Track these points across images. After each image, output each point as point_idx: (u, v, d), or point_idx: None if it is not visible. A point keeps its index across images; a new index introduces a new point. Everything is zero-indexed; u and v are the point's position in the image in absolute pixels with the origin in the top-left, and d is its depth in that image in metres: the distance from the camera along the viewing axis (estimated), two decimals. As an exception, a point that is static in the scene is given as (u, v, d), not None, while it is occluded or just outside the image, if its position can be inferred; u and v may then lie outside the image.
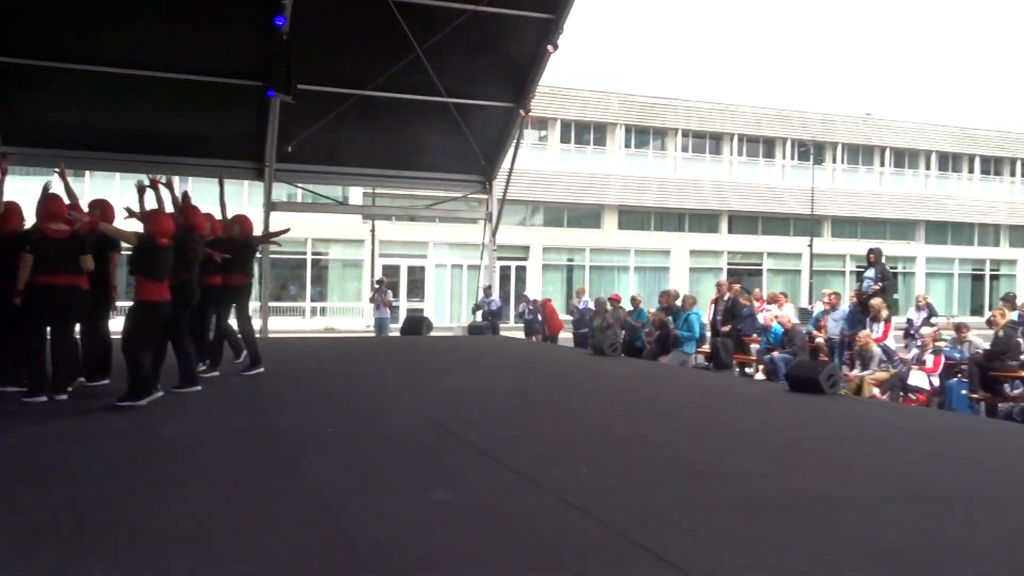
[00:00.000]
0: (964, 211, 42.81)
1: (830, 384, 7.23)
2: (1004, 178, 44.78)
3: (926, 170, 43.13)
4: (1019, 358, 9.75)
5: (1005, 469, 4.81)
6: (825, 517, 3.59)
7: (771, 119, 40.11)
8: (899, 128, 42.36)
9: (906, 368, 10.75)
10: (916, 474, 4.55)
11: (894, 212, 41.53)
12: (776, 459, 4.84)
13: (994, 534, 3.36)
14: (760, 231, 39.66)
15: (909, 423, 6.76)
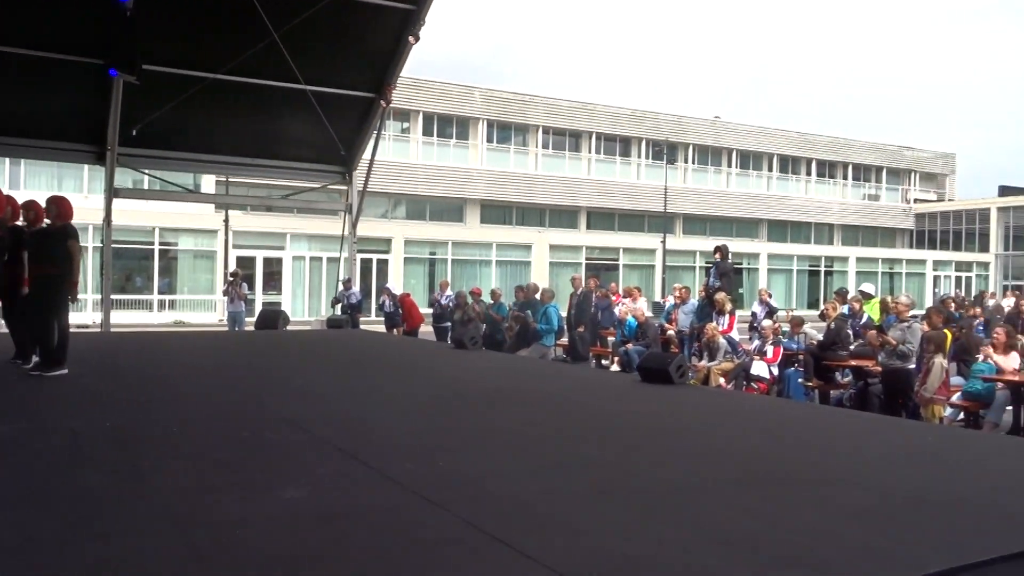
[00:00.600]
0: (802, 211, 45.77)
1: (679, 374, 7.53)
2: (837, 181, 48.21)
3: (768, 172, 45.82)
4: (848, 348, 10.51)
5: (836, 452, 5.15)
6: (674, 502, 3.72)
7: (627, 119, 41.44)
8: (745, 131, 44.75)
9: (749, 359, 11.37)
10: (758, 458, 4.79)
11: (740, 211, 43.87)
12: (628, 447, 4.99)
13: (826, 512, 3.58)
14: (617, 227, 40.93)
15: (751, 410, 7.13)
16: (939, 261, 44.34)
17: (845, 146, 48.03)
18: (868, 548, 3.10)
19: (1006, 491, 4.10)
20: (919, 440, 5.76)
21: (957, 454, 5.25)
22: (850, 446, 5.38)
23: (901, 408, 8.80)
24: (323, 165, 16.38)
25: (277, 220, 29.78)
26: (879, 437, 5.77)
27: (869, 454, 5.06)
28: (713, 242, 18.12)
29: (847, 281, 37.23)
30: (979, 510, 3.69)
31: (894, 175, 50.36)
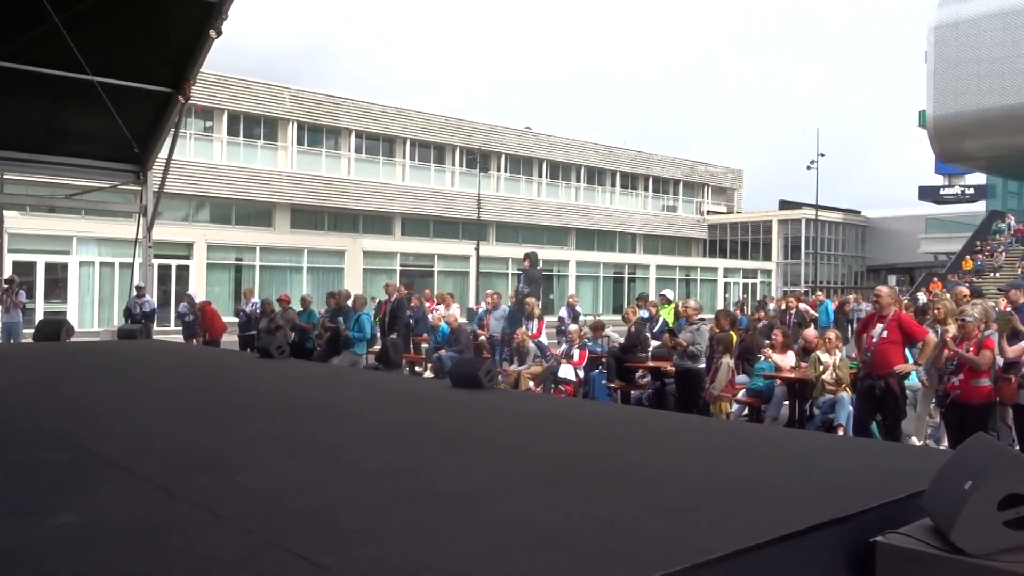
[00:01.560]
0: (607, 220, 47.94)
1: (488, 379, 7.60)
2: (639, 192, 50.93)
3: (576, 182, 47.63)
4: (647, 350, 11.07)
5: (635, 449, 5.37)
6: (482, 505, 3.71)
7: (441, 126, 41.68)
8: (555, 142, 46.28)
9: (557, 362, 11.70)
10: (564, 458, 4.90)
11: (550, 219, 45.29)
12: (436, 453, 4.95)
13: (627, 507, 3.70)
14: (431, 234, 41.03)
15: (558, 412, 7.32)
16: (729, 268, 47.89)
17: (646, 160, 50.86)
18: (664, 538, 3.24)
19: (784, 478, 4.43)
20: (708, 435, 6.13)
21: (742, 446, 5.63)
22: (648, 443, 5.63)
23: (693, 405, 9.38)
24: (113, 163, 15.23)
25: (62, 222, 27.34)
26: (674, 433, 6.09)
27: (665, 450, 5.32)
28: (525, 249, 18.58)
29: (649, 287, 39.39)
30: (760, 496, 3.97)
31: (690, 188, 53.93)
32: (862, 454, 5.59)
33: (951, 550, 3.18)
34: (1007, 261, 34.38)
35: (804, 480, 4.38)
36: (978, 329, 6.97)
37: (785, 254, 51.26)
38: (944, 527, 3.26)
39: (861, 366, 7.89)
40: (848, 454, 5.54)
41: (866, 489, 4.03)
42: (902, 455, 5.75)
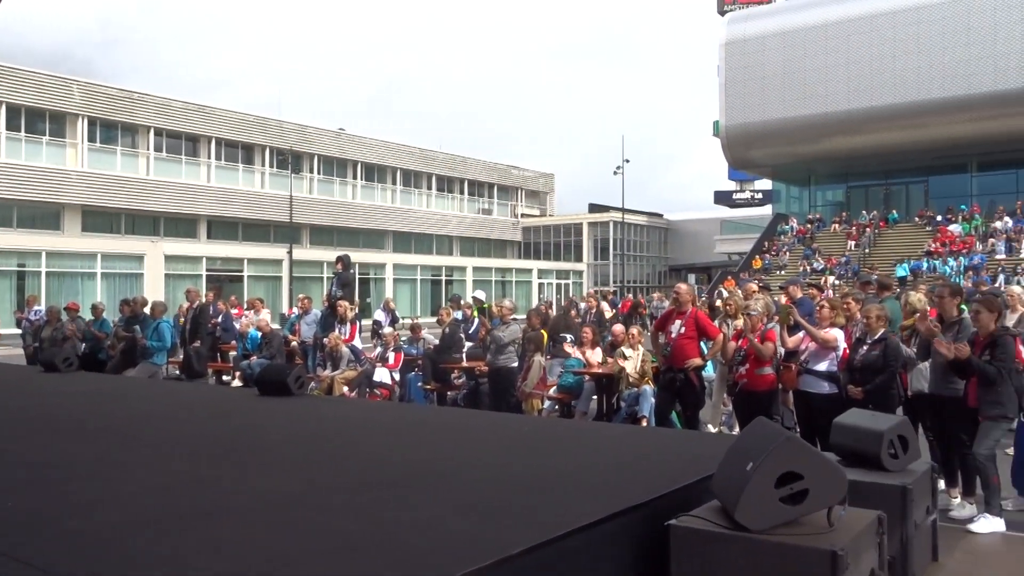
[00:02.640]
0: (424, 223, 47.93)
1: (298, 385, 7.37)
2: (455, 195, 51.33)
3: (392, 185, 47.30)
4: (462, 351, 11.14)
5: (449, 448, 5.37)
6: (286, 514, 3.57)
7: (250, 126, 40.05)
8: (370, 144, 45.70)
9: (372, 366, 11.53)
10: (376, 462, 4.82)
11: (366, 222, 44.66)
12: (241, 463, 4.72)
13: (437, 508, 3.68)
14: (241, 237, 39.31)
15: (373, 416, 7.21)
16: (543, 270, 49.25)
17: (461, 163, 51.34)
18: (471, 536, 3.25)
19: (588, 470, 4.58)
20: (519, 432, 6.24)
21: (550, 442, 5.77)
22: (460, 442, 5.66)
23: (506, 404, 9.52)
24: None
25: None
26: (486, 432, 6.16)
27: (476, 448, 5.37)
28: (340, 253, 18.16)
29: (466, 289, 39.78)
30: (565, 489, 4.07)
31: (504, 192, 54.97)
32: (662, 443, 5.90)
33: (736, 528, 3.40)
34: (791, 260, 37.59)
35: (606, 471, 4.55)
36: (762, 322, 7.55)
37: (595, 255, 53.40)
38: (729, 507, 3.48)
39: (661, 360, 8.33)
40: (649, 444, 5.82)
41: (663, 476, 4.25)
42: (698, 442, 6.12)
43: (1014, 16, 32.26)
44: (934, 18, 34.02)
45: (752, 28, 39.72)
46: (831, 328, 7.01)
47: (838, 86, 36.40)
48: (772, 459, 3.39)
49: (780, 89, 38.10)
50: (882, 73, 35.25)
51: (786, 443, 3.47)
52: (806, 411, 7.06)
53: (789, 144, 38.86)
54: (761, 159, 41.68)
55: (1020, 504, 6.02)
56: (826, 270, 34.12)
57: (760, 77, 38.71)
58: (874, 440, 4.47)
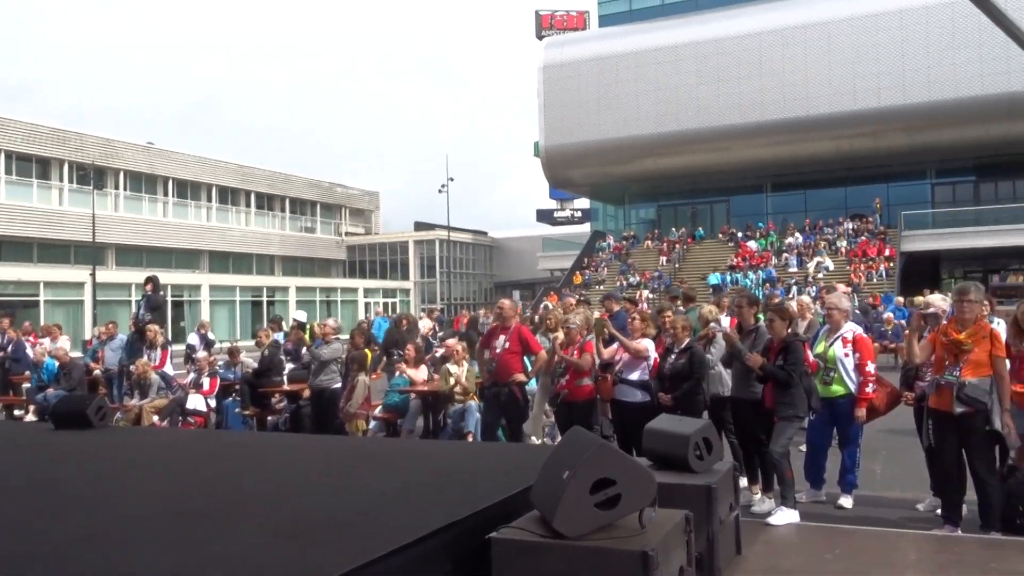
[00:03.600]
0: (243, 242, 46.10)
1: (100, 417, 6.84)
2: (276, 213, 49.76)
3: (208, 202, 45.18)
4: (282, 374, 10.77)
5: (267, 474, 5.15)
6: (87, 555, 3.30)
7: (44, 138, 37.03)
8: (183, 160, 43.49)
9: (184, 393, 10.90)
10: (189, 492, 4.55)
11: (179, 242, 42.38)
12: (29, 505, 4.31)
13: (253, 537, 3.52)
14: (36, 259, 36.22)
15: (186, 445, 6.81)
16: (369, 288, 48.65)
17: (283, 180, 49.88)
18: (289, 563, 3.13)
19: (411, 488, 4.54)
20: (342, 453, 6.10)
21: (373, 462, 5.68)
22: (280, 468, 5.45)
23: (330, 425, 9.29)
24: None
25: None
26: (307, 455, 5.97)
27: (299, 471, 5.19)
28: (149, 274, 17.10)
29: (288, 310, 38.56)
30: (386, 509, 4.02)
31: (328, 210, 53.93)
32: (486, 457, 5.96)
33: (555, 536, 3.49)
34: (608, 275, 39.22)
35: (430, 488, 4.54)
36: (580, 335, 7.82)
37: (422, 273, 53.42)
38: (548, 515, 3.56)
39: (485, 376, 8.42)
40: (473, 458, 5.87)
41: (486, 489, 4.28)
42: (521, 454, 6.23)
43: (798, 53, 35.46)
44: (732, 50, 36.78)
45: (568, 53, 41.31)
46: (642, 339, 7.36)
47: (648, 111, 38.51)
48: (586, 467, 3.51)
49: (595, 112, 39.80)
50: (688, 100, 37.66)
51: (599, 451, 3.60)
52: (621, 419, 7.36)
53: (604, 165, 40.64)
54: (579, 179, 43.32)
55: (812, 496, 6.56)
56: (641, 284, 35.88)
57: (577, 101, 40.27)
58: (681, 444, 4.72)
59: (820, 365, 6.52)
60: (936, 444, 5.64)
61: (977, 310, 5.51)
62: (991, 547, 5.12)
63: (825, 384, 6.45)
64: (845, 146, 35.80)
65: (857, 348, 6.45)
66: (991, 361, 5.38)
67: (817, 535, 5.53)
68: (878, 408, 6.47)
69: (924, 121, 33.54)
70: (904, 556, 4.99)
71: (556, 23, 48.29)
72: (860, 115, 34.41)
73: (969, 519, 5.56)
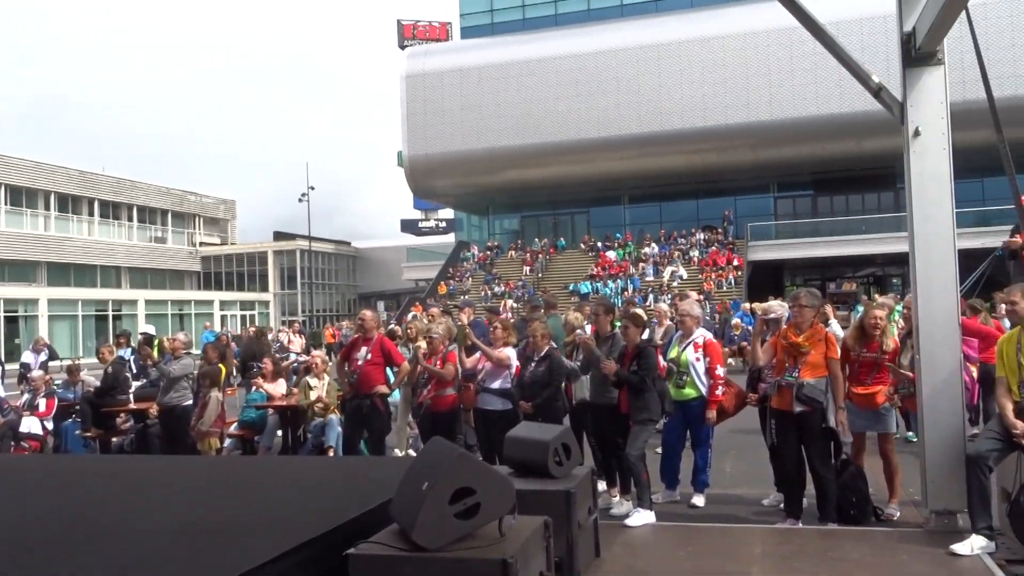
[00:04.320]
0: (85, 253, 43.35)
1: (-85, 444, 6.22)
2: (123, 222, 47.08)
3: (46, 210, 42.23)
4: (128, 392, 10.15)
5: (109, 502, 4.84)
6: None
7: None
8: (16, 164, 40.48)
9: (17, 415, 10.10)
10: (19, 524, 4.20)
11: (13, 253, 39.40)
12: None
13: (99, 572, 3.30)
14: None
15: (18, 471, 6.31)
16: (225, 301, 46.79)
17: (130, 187, 47.26)
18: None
19: (265, 508, 4.38)
20: (193, 475, 5.82)
21: (226, 482, 5.44)
22: (124, 492, 5.13)
23: (181, 445, 8.83)
24: None
25: None
26: (155, 478, 5.65)
27: (145, 497, 4.90)
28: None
29: (137, 324, 36.49)
30: (238, 531, 3.85)
31: (180, 219, 51.52)
32: (347, 471, 5.83)
33: (414, 549, 3.44)
34: (473, 285, 39.38)
35: (287, 506, 4.40)
36: (443, 344, 7.80)
37: (282, 284, 51.87)
38: (407, 528, 3.51)
39: (347, 388, 8.25)
40: (334, 473, 5.74)
41: (345, 504, 4.18)
42: (384, 467, 6.13)
43: (651, 69, 36.94)
44: (590, 66, 37.87)
45: (431, 63, 41.34)
46: (504, 348, 7.42)
47: (510, 123, 39.06)
48: (446, 477, 3.49)
49: (459, 123, 40.00)
50: (548, 113, 38.45)
51: (458, 460, 3.59)
52: (485, 428, 7.38)
53: (468, 175, 40.89)
54: (443, 189, 43.39)
55: (668, 496, 6.80)
56: (506, 293, 36.27)
57: (440, 110, 40.34)
58: (540, 450, 4.78)
59: (673, 369, 6.78)
60: (778, 442, 5.98)
61: (809, 314, 5.88)
62: (828, 537, 5.47)
63: (678, 388, 6.70)
64: (696, 160, 37.55)
65: (707, 352, 6.75)
66: (826, 362, 5.76)
67: (672, 534, 5.74)
68: (727, 409, 6.78)
69: (766, 138, 35.70)
70: (751, 550, 5.24)
71: (419, 33, 48.24)
72: (709, 131, 36.21)
73: (809, 512, 5.92)
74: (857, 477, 5.89)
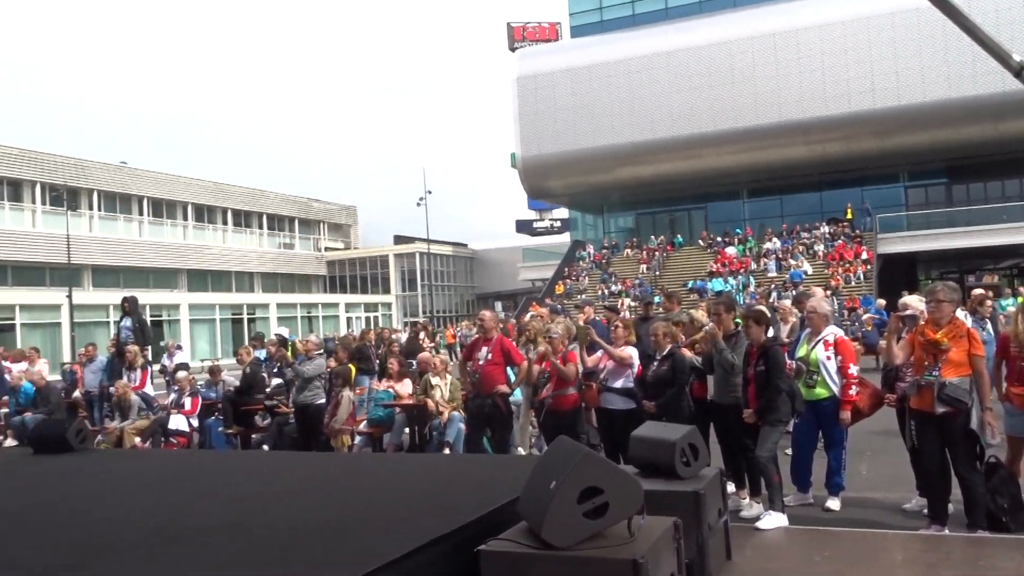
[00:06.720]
0: (221, 260, 45.77)
1: (80, 440, 6.75)
2: (254, 230, 49.46)
3: (184, 220, 44.86)
4: (264, 391, 10.67)
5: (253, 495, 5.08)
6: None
7: (14, 159, 36.66)
8: (156, 178, 43.17)
9: (166, 413, 10.79)
10: (170, 516, 4.48)
11: (156, 261, 42.04)
12: (8, 530, 4.24)
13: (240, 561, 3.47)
14: (11, 282, 35.78)
15: (167, 466, 6.73)
16: (350, 303, 48.42)
17: (260, 197, 49.64)
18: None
19: (397, 503, 4.51)
20: (327, 469, 6.05)
21: (359, 477, 5.64)
22: (264, 486, 5.39)
23: (315, 442, 9.21)
24: None
25: None
26: (293, 472, 5.92)
27: (282, 491, 5.13)
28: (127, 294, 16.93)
29: (269, 327, 38.26)
30: (373, 525, 3.99)
31: (306, 225, 53.71)
32: (472, 469, 5.92)
33: (543, 547, 3.47)
34: (589, 284, 39.30)
35: (417, 502, 4.51)
36: (562, 344, 7.82)
37: (403, 286, 53.28)
38: (536, 526, 3.54)
39: (469, 387, 8.39)
40: (460, 471, 5.84)
41: (473, 502, 4.26)
42: (507, 466, 6.20)
43: (767, 59, 35.84)
44: (703, 58, 37.10)
45: (542, 64, 41.47)
46: (626, 347, 7.37)
47: (623, 120, 38.72)
48: (573, 476, 3.50)
49: (571, 122, 39.96)
50: (661, 109, 37.91)
51: (585, 459, 3.59)
52: (608, 427, 7.36)
53: (582, 174, 40.78)
54: (557, 189, 43.43)
55: (800, 499, 6.58)
56: (622, 292, 35.99)
57: (552, 111, 40.41)
58: (667, 450, 4.72)
59: (803, 368, 6.55)
60: (919, 444, 5.67)
61: (948, 309, 5.55)
62: (978, 545, 5.16)
63: (808, 387, 6.48)
64: (818, 151, 36.17)
65: (839, 351, 6.49)
66: (970, 360, 5.43)
67: (806, 538, 5.55)
68: (862, 410, 6.50)
69: (894, 124, 33.97)
70: (892, 556, 5.01)
71: (528, 34, 48.51)
72: (831, 120, 34.81)
73: (955, 518, 5.60)
74: (1009, 481, 5.53)
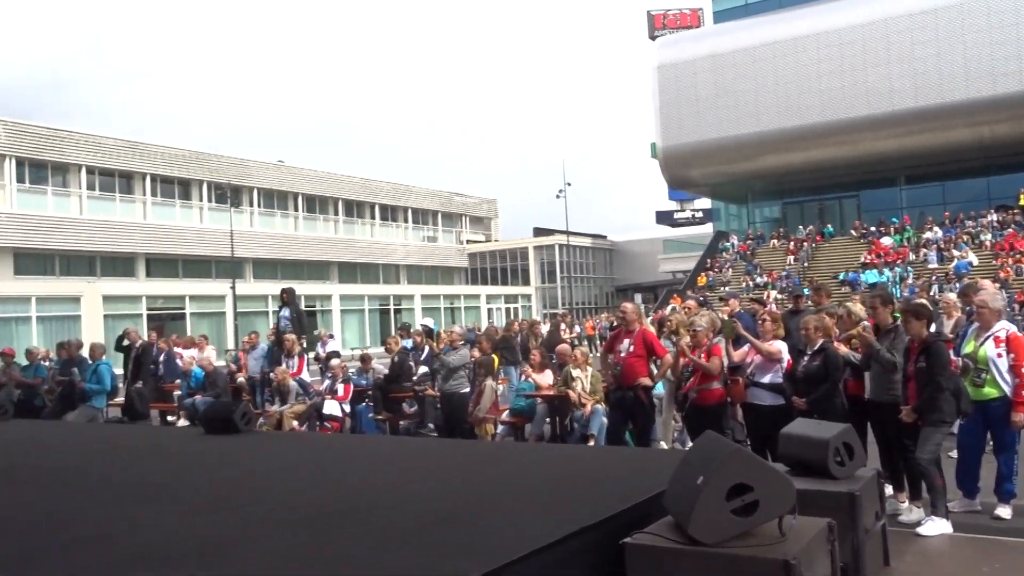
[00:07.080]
0: (369, 253, 47.62)
1: (245, 422, 7.21)
2: (399, 224, 51.17)
3: (335, 215, 46.96)
4: (411, 379, 11.04)
5: (401, 478, 5.29)
6: (221, 558, 3.47)
7: (184, 160, 39.46)
8: (310, 175, 45.37)
9: (321, 398, 11.35)
10: (326, 495, 4.73)
11: (310, 254, 44.22)
12: (181, 505, 4.59)
13: (390, 540, 3.62)
14: (181, 274, 38.57)
15: (323, 449, 7.09)
16: (491, 295, 49.23)
17: (405, 192, 51.27)
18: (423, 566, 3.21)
19: (541, 492, 4.56)
20: (471, 457, 6.19)
21: (503, 466, 5.74)
22: (412, 470, 5.59)
23: (459, 429, 9.45)
24: None
25: None
26: (439, 459, 6.10)
27: (429, 475, 5.31)
28: (284, 286, 17.93)
29: (414, 317, 39.50)
30: (519, 512, 4.05)
31: (448, 218, 55.01)
32: (615, 461, 5.91)
33: (690, 542, 3.42)
34: (733, 276, 38.26)
35: (561, 492, 4.54)
36: (707, 337, 7.65)
37: (542, 279, 53.67)
38: (682, 521, 3.50)
39: (611, 379, 8.36)
40: (602, 463, 5.84)
41: (617, 494, 4.25)
42: (651, 459, 6.15)
43: (928, 36, 33.62)
44: (856, 39, 35.25)
45: (683, 52, 40.61)
46: (774, 340, 7.13)
47: (768, 106, 37.37)
48: (721, 472, 3.43)
49: (713, 110, 38.95)
50: (810, 93, 36.33)
51: (734, 455, 3.51)
52: (755, 423, 7.15)
53: (725, 163, 39.68)
54: (699, 179, 42.47)
55: (965, 505, 6.16)
56: (768, 284, 34.81)
57: (693, 99, 39.53)
58: (820, 448, 4.54)
59: (970, 366, 6.13)
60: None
61: None
62: None
63: (976, 386, 6.05)
64: (985, 133, 33.63)
65: (1011, 348, 6.02)
66: None
67: (972, 547, 5.21)
68: (1037, 411, 6.01)
69: (1076, 101, 31.13)
70: (1072, 571, 4.63)
71: (669, 22, 47.61)
72: (1000, 99, 32.27)
73: None
74: None
